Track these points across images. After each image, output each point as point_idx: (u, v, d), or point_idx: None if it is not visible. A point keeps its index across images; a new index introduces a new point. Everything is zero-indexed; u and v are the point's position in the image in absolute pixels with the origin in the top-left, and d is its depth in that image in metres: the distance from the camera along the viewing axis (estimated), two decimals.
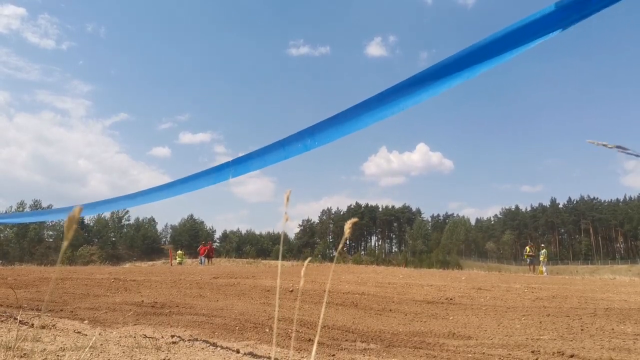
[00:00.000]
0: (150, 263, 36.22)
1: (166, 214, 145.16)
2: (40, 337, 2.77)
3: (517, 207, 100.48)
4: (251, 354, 2.87)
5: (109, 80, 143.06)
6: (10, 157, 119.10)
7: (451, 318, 5.48)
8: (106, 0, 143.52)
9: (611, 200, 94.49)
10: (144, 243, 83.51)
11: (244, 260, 40.85)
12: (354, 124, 1.89)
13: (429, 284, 9.24)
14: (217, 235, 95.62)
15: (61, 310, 4.67)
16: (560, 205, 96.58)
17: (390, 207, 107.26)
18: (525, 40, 1.49)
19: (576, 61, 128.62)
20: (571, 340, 4.01)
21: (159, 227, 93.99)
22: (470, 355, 3.31)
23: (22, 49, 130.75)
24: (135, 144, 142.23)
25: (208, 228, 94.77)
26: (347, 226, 1.01)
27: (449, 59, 1.61)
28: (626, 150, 1.07)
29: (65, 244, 0.80)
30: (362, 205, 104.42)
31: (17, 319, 3.43)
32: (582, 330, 4.59)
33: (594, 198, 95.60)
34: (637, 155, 1.10)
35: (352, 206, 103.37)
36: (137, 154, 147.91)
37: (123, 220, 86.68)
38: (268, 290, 7.58)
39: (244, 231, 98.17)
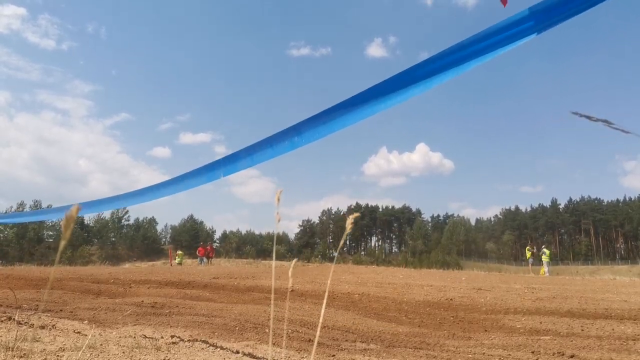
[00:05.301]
0: (150, 263, 36.23)
1: (166, 214, 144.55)
2: (39, 337, 2.76)
3: (517, 208, 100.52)
4: (251, 354, 2.87)
5: (110, 80, 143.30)
6: (11, 158, 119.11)
7: (451, 318, 5.48)
8: (107, 0, 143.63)
9: (611, 200, 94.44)
10: (143, 243, 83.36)
11: (244, 260, 40.83)
12: (342, 120, 1.85)
13: (429, 285, 9.24)
14: (217, 235, 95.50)
15: (61, 310, 4.66)
16: (561, 206, 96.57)
17: (390, 207, 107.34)
18: (499, 44, 1.53)
19: (578, 61, 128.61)
20: (571, 341, 4.01)
21: (159, 228, 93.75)
22: (470, 355, 3.31)
23: (22, 49, 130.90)
24: (136, 144, 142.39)
25: (208, 228, 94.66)
26: (349, 221, 1.00)
27: (436, 57, 1.64)
28: (611, 125, 1.08)
29: (63, 243, 0.80)
30: (362, 206, 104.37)
31: (16, 319, 3.43)
32: (582, 330, 4.59)
33: (595, 198, 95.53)
34: (622, 130, 1.10)
35: (352, 206, 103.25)
36: (137, 154, 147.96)
37: (123, 221, 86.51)
38: (268, 291, 7.58)
39: (243, 231, 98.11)
